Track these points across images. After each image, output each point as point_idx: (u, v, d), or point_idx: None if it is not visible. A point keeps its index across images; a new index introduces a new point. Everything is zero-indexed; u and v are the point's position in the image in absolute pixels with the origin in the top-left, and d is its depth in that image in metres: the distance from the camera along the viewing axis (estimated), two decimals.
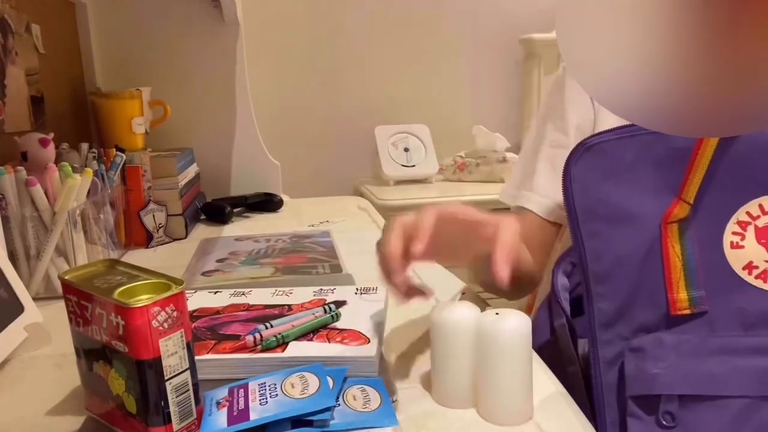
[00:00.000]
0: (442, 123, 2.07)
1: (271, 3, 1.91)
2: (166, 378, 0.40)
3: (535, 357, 0.57)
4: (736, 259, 0.49)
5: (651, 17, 0.54)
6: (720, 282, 0.49)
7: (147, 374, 0.39)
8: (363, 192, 1.92)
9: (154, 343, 0.39)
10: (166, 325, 0.39)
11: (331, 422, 0.42)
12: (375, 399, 0.46)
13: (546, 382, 0.52)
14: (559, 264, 0.70)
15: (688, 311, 0.49)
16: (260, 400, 0.43)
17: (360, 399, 0.45)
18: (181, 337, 0.40)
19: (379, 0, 2.00)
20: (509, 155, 1.85)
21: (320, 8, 1.97)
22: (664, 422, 0.49)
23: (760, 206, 0.49)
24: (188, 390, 0.41)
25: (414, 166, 1.97)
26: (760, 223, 0.48)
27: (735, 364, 0.48)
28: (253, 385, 0.46)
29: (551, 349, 0.65)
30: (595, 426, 0.54)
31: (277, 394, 0.44)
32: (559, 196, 0.76)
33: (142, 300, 0.39)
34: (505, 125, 2.08)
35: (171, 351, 0.40)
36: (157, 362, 0.39)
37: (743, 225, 0.49)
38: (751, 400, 0.47)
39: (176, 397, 0.40)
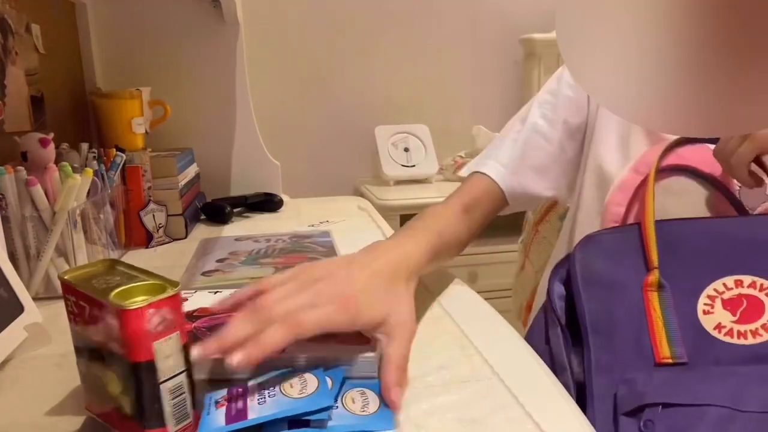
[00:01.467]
0: (442, 123, 2.08)
1: (271, 3, 1.92)
2: (160, 381, 0.39)
3: (536, 357, 0.57)
4: (708, 322, 0.59)
5: (650, 17, 0.54)
6: (696, 340, 0.58)
7: (141, 377, 0.39)
8: (363, 192, 1.92)
9: (148, 345, 0.38)
10: (160, 327, 0.39)
11: (329, 424, 0.42)
12: (374, 402, 0.46)
13: (546, 382, 0.52)
14: (556, 271, 0.71)
15: (670, 361, 0.58)
16: (258, 400, 0.43)
17: (359, 402, 0.45)
18: (177, 339, 0.40)
19: (379, 0, 2.00)
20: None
21: (320, 8, 1.97)
22: (644, 429, 0.55)
23: (724, 284, 0.59)
24: (184, 393, 0.41)
25: (414, 166, 1.97)
26: (726, 296, 0.59)
27: (713, 379, 0.56)
28: (252, 385, 0.46)
29: (546, 357, 0.66)
30: None
31: (275, 394, 0.44)
32: (524, 182, 0.83)
33: (137, 302, 0.39)
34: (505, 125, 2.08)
35: (166, 353, 0.39)
36: (151, 365, 0.39)
37: (712, 298, 0.59)
38: (728, 411, 0.53)
39: (171, 399, 0.40)
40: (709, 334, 0.58)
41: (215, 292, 0.66)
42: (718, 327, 0.58)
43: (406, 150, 1.99)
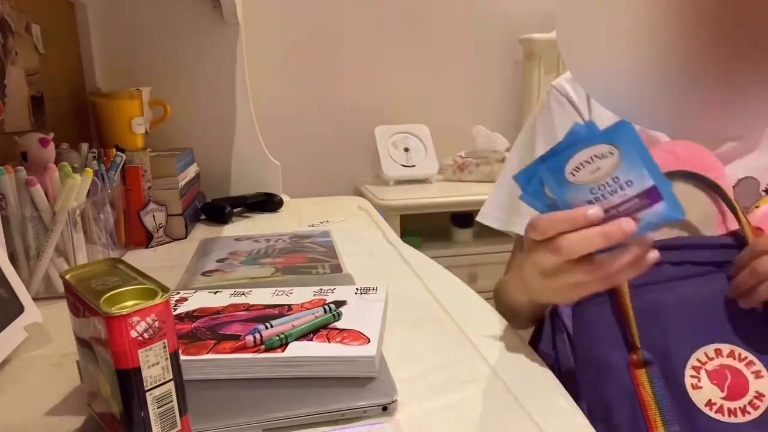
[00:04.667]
0: (442, 123, 2.07)
1: (271, 3, 1.92)
2: (146, 389, 0.39)
3: (536, 357, 0.57)
4: (698, 398, 0.58)
5: (650, 17, 0.54)
6: (690, 418, 0.57)
7: (126, 384, 0.38)
8: (363, 192, 1.92)
9: (132, 353, 0.38)
10: (146, 335, 0.38)
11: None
12: None
13: (546, 382, 0.52)
14: None
15: None
16: None
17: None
18: (164, 347, 0.39)
19: (379, 0, 2.00)
20: (509, 155, 1.86)
21: (320, 8, 1.97)
22: None
23: (705, 354, 0.59)
24: (171, 401, 0.40)
25: (414, 166, 1.97)
26: (709, 366, 0.58)
27: None
28: None
29: (553, 363, 0.66)
30: None
31: None
32: None
33: (124, 308, 0.38)
34: (505, 125, 2.08)
35: (152, 362, 0.39)
36: (136, 372, 0.38)
37: (697, 369, 0.58)
38: None
39: (157, 408, 0.40)
40: (702, 412, 0.58)
41: (215, 292, 0.66)
42: (710, 404, 0.58)
43: (406, 150, 1.99)
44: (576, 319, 0.65)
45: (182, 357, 0.43)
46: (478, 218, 0.86)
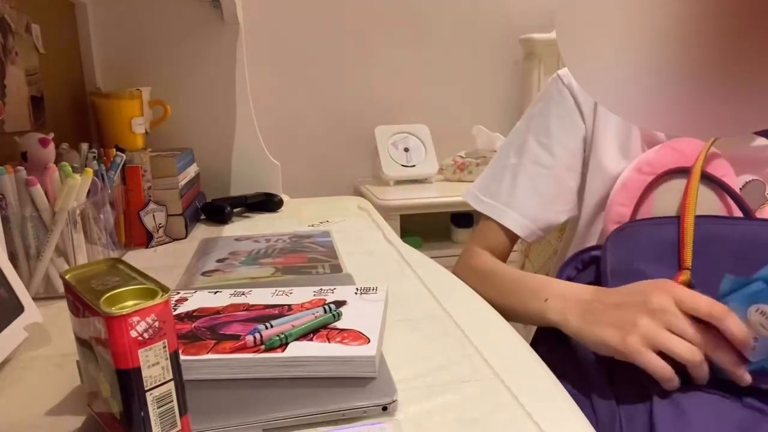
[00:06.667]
0: (442, 123, 2.08)
1: (271, 3, 1.92)
2: (146, 389, 0.39)
3: (536, 357, 0.57)
4: None
5: (650, 17, 0.54)
6: None
7: (126, 384, 0.38)
8: (363, 192, 1.92)
9: (132, 353, 0.38)
10: (146, 335, 0.38)
11: None
12: None
13: (546, 382, 0.52)
14: (563, 271, 0.70)
15: None
16: None
17: None
18: (164, 347, 0.39)
19: (379, 0, 2.00)
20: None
21: (320, 8, 1.97)
22: None
23: None
24: (171, 402, 0.40)
25: (414, 166, 1.97)
26: None
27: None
28: None
29: (562, 356, 0.66)
30: None
31: None
32: (539, 217, 0.83)
33: (124, 308, 0.38)
34: (505, 125, 2.08)
35: (152, 362, 0.39)
36: (136, 372, 0.38)
37: None
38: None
39: (157, 408, 0.39)
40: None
41: (215, 292, 0.66)
42: None
43: (406, 150, 1.99)
44: (623, 234, 0.66)
45: (182, 357, 0.43)
46: (463, 197, 0.90)
